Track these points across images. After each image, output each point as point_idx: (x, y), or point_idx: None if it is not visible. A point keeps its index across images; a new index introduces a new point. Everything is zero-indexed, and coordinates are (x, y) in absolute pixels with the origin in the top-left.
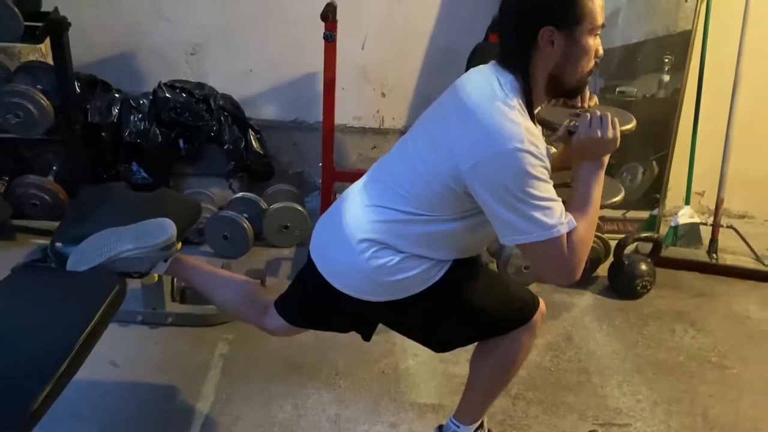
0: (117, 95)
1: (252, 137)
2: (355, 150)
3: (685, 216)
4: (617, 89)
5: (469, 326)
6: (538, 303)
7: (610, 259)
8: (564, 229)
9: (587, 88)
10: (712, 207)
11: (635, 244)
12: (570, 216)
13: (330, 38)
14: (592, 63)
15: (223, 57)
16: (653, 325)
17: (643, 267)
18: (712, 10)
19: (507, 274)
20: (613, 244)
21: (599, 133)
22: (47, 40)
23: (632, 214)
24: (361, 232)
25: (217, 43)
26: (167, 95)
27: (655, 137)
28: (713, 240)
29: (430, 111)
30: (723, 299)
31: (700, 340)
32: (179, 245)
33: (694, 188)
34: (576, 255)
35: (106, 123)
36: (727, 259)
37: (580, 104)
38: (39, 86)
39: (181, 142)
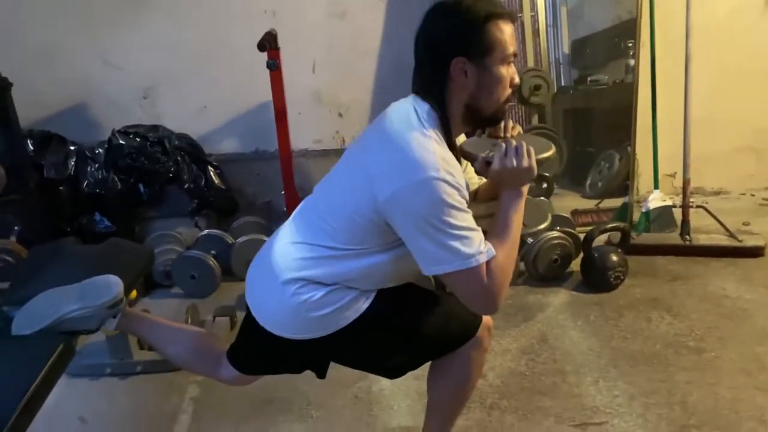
0: (72, 148)
1: (212, 173)
2: (319, 173)
3: (656, 200)
4: (588, 79)
5: (410, 350)
6: (480, 318)
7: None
8: (483, 258)
9: (508, 117)
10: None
11: (607, 235)
12: (489, 245)
13: (273, 67)
14: (507, 91)
15: (176, 97)
16: (629, 316)
17: (614, 258)
18: None
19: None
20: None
21: (514, 163)
22: None
23: (609, 203)
24: (286, 271)
25: (168, 85)
26: (122, 142)
27: (628, 123)
28: (684, 221)
29: (355, 143)
30: (699, 281)
31: (677, 325)
32: (133, 294)
33: (666, 170)
34: (495, 283)
35: (63, 177)
36: (701, 239)
37: (502, 134)
38: None
39: (140, 186)
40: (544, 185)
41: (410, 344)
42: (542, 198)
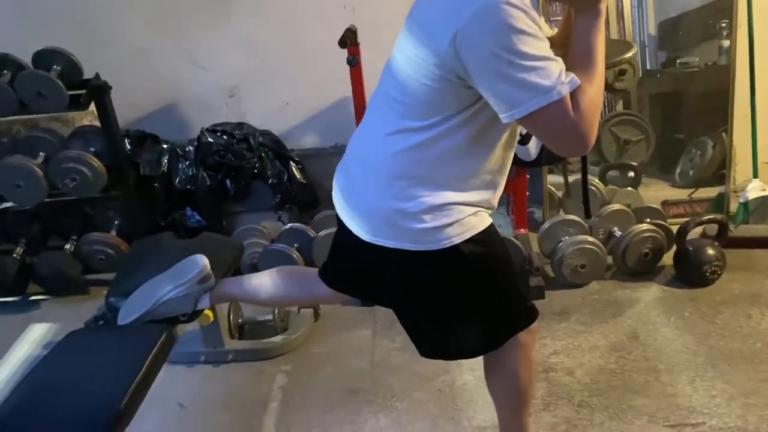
0: (165, 146)
1: (294, 168)
2: None
3: (755, 190)
4: (678, 61)
5: (474, 308)
6: (537, 313)
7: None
8: (565, 90)
9: None
10: None
11: (702, 227)
12: (571, 75)
13: (353, 63)
14: None
15: (260, 95)
16: (726, 313)
17: (710, 251)
18: None
19: (563, 275)
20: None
21: None
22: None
23: (703, 193)
24: (384, 169)
25: (251, 83)
26: (210, 140)
27: (722, 107)
28: None
29: (407, 17)
30: None
31: None
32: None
33: (765, 158)
34: (585, 118)
35: (157, 174)
36: None
37: None
38: (92, 148)
39: (227, 182)
40: (631, 174)
41: (481, 299)
42: (629, 188)
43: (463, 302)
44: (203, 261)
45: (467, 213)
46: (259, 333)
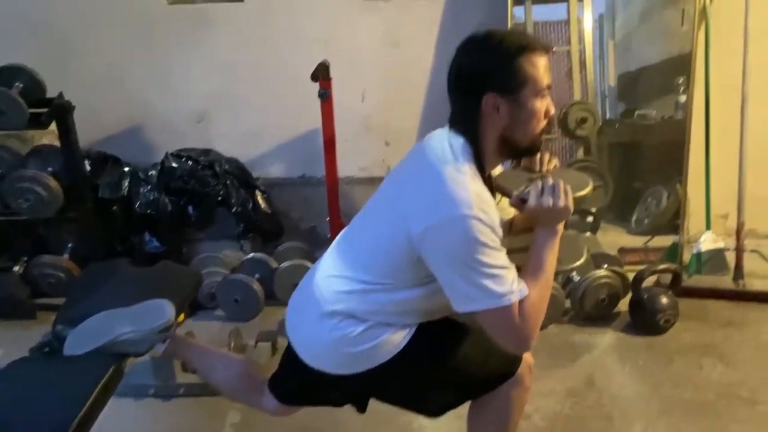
0: (126, 169)
1: (260, 198)
2: (364, 200)
3: (708, 242)
4: (636, 113)
5: (449, 387)
6: (521, 356)
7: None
8: (515, 298)
9: (545, 150)
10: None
11: (656, 276)
12: (522, 284)
13: (324, 96)
14: (543, 123)
15: (229, 121)
16: (679, 362)
17: (664, 300)
18: (711, 30)
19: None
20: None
21: (550, 202)
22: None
23: (658, 242)
24: (325, 304)
25: (222, 109)
26: (174, 164)
27: (677, 160)
28: (738, 265)
29: (392, 174)
30: (753, 328)
31: (730, 374)
32: (181, 318)
33: (718, 211)
34: (528, 323)
35: (117, 197)
36: (755, 284)
37: (538, 167)
38: (49, 168)
39: (190, 208)
40: (590, 219)
41: (449, 381)
42: (588, 234)
43: (426, 384)
44: (170, 312)
45: (406, 330)
46: None
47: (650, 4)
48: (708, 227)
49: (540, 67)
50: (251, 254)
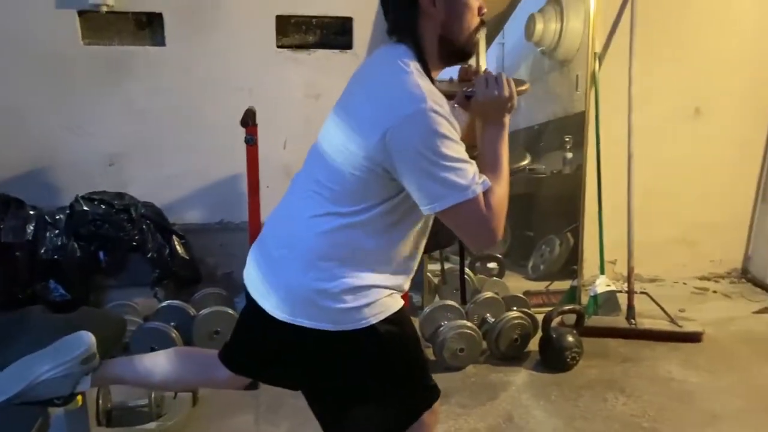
0: (32, 212)
1: (177, 243)
2: None
3: (602, 285)
4: (527, 168)
5: (385, 387)
6: (440, 392)
7: (539, 333)
8: (479, 189)
9: (479, 63)
10: (625, 274)
11: (560, 316)
12: (484, 177)
13: (251, 142)
14: (476, 19)
15: (144, 165)
16: (587, 396)
17: (570, 339)
18: (600, 95)
19: (443, 358)
20: (539, 317)
21: (496, 92)
22: None
23: (556, 285)
24: (304, 252)
25: (136, 153)
26: (85, 208)
27: (566, 210)
28: (630, 306)
29: (335, 106)
30: (647, 363)
31: (631, 406)
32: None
33: (607, 257)
34: (495, 214)
35: (21, 241)
36: (645, 323)
37: (473, 78)
38: None
39: (101, 254)
40: (493, 264)
41: (397, 385)
42: (494, 278)
43: (375, 380)
44: (90, 339)
45: (384, 294)
46: (130, 419)
47: (538, 70)
48: (602, 272)
49: None
50: (167, 302)
